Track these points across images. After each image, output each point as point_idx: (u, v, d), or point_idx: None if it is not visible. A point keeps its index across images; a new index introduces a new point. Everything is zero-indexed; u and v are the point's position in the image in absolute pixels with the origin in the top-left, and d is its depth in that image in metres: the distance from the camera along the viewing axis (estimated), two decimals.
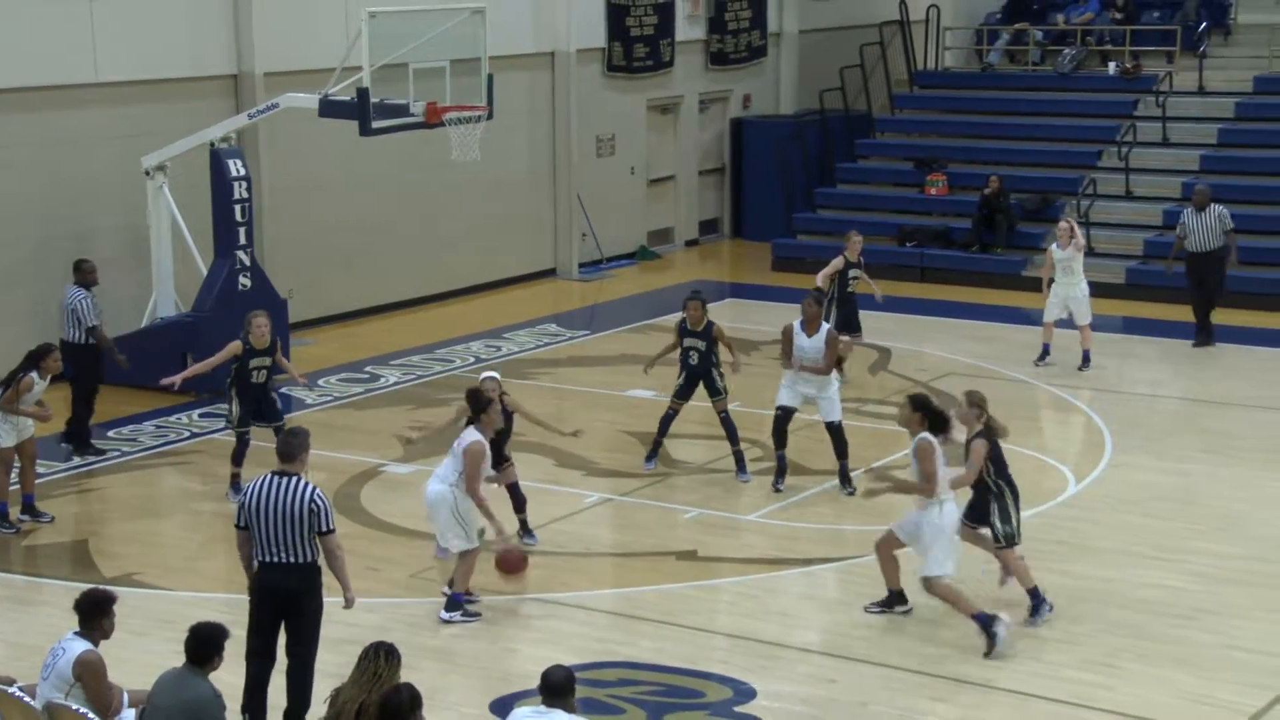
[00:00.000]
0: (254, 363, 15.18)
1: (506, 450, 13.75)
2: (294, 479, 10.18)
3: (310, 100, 18.80)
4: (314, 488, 10.17)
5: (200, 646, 8.91)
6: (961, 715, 10.96)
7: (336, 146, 21.47)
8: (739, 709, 11.02)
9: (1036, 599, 12.36)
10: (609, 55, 27.29)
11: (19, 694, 9.15)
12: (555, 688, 8.49)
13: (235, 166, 19.19)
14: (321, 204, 22.66)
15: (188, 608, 12.36)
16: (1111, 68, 28.23)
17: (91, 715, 8.93)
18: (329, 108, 18.58)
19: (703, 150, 30.04)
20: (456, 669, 11.67)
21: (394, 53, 18.18)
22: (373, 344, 21.72)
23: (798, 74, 31.12)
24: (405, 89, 18.34)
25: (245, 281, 19.30)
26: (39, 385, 14.55)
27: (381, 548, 14.11)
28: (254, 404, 15.31)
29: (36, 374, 14.51)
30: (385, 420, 18.05)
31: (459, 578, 12.51)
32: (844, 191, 28.51)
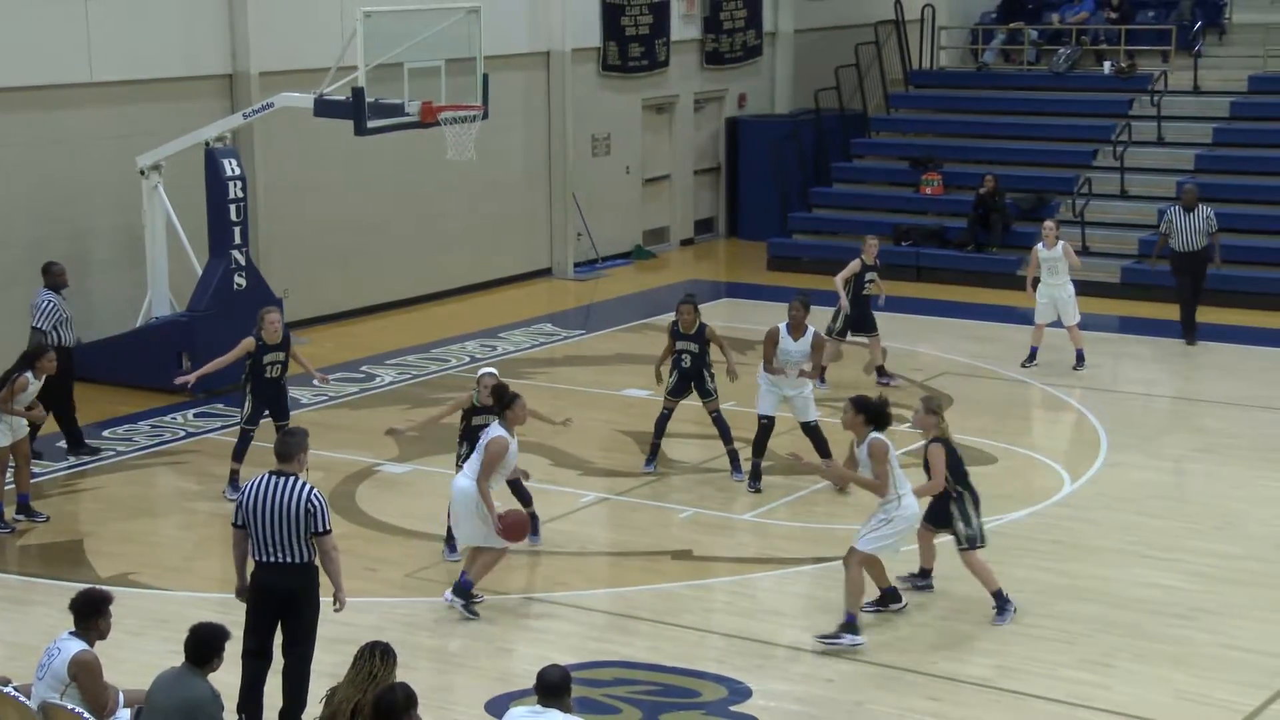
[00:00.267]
0: (268, 358, 15.16)
1: None
2: (292, 479, 10.17)
3: (305, 100, 18.79)
4: (312, 488, 10.16)
5: (201, 647, 8.89)
6: (957, 715, 10.96)
7: (332, 146, 21.45)
8: (735, 708, 11.02)
9: (1001, 600, 12.35)
10: (604, 55, 27.28)
11: (14, 694, 9.14)
12: (551, 687, 8.48)
13: (230, 166, 19.18)
14: (317, 204, 22.64)
15: (184, 607, 12.37)
16: (1106, 67, 28.23)
17: (87, 715, 8.92)
18: (324, 107, 18.57)
19: (698, 150, 30.03)
20: (452, 668, 11.66)
21: (389, 52, 18.18)
22: (368, 343, 21.71)
23: (793, 73, 31.11)
24: (400, 88, 18.34)
25: (240, 281, 19.29)
26: (34, 385, 14.53)
27: (377, 547, 14.09)
28: (270, 400, 15.28)
29: (31, 374, 14.49)
30: (381, 420, 18.01)
31: (477, 570, 12.53)
32: (839, 191, 28.50)
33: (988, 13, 31.02)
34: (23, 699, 9.09)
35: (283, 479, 10.17)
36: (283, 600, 10.20)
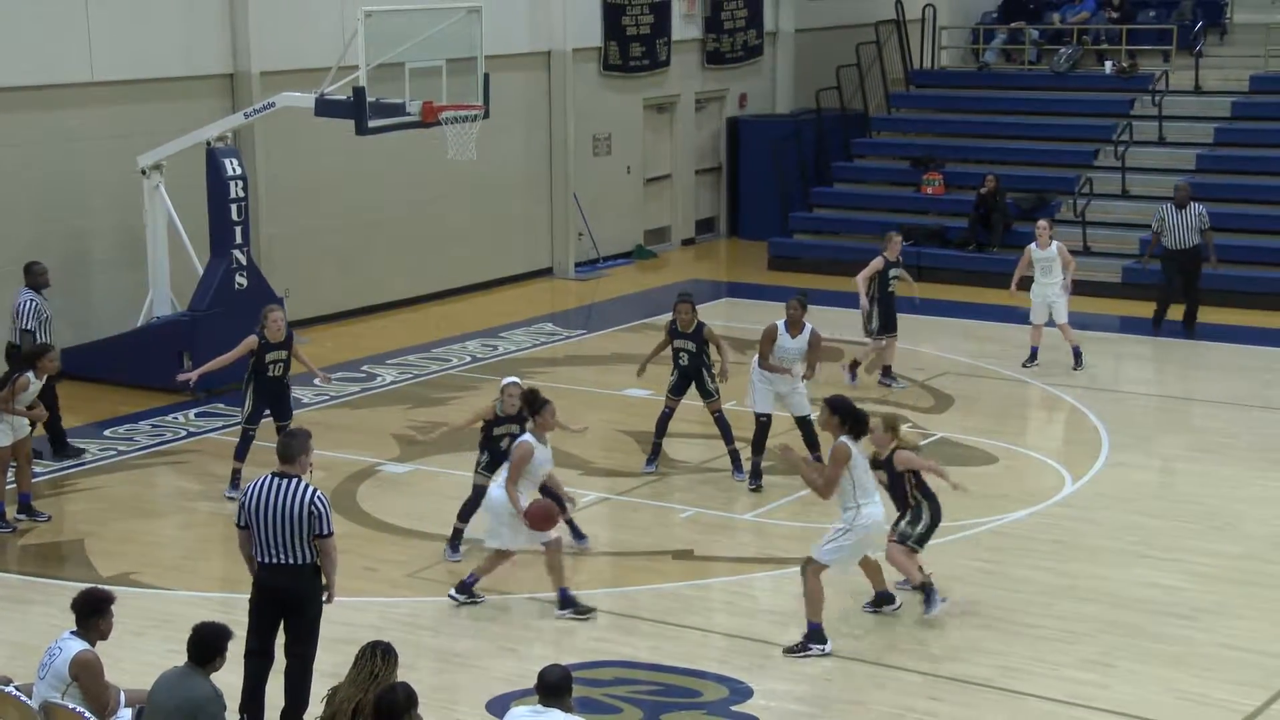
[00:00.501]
0: (270, 356, 15.15)
1: None
2: (294, 481, 10.17)
3: (306, 99, 18.79)
4: (315, 490, 10.16)
5: (203, 647, 8.91)
6: (958, 714, 10.97)
7: (333, 146, 21.44)
8: (736, 708, 11.03)
9: (928, 591, 12.30)
10: (605, 54, 27.29)
11: (15, 693, 9.15)
12: (552, 687, 8.50)
13: (231, 166, 19.18)
14: (318, 203, 22.65)
15: (185, 607, 12.38)
16: (1108, 67, 28.24)
17: (88, 715, 8.94)
18: (325, 107, 18.57)
19: (699, 149, 30.04)
20: (453, 668, 11.67)
21: (390, 52, 18.17)
22: (369, 343, 21.71)
23: (794, 73, 31.11)
24: (401, 88, 18.33)
25: (242, 281, 19.30)
26: (35, 385, 14.55)
27: (378, 547, 14.10)
28: (272, 399, 15.28)
29: (33, 374, 14.51)
30: (382, 420, 18.06)
31: (482, 567, 12.62)
32: (840, 191, 28.51)
33: (989, 12, 31.04)
34: (24, 699, 9.10)
35: (286, 480, 10.17)
36: (285, 601, 10.20)
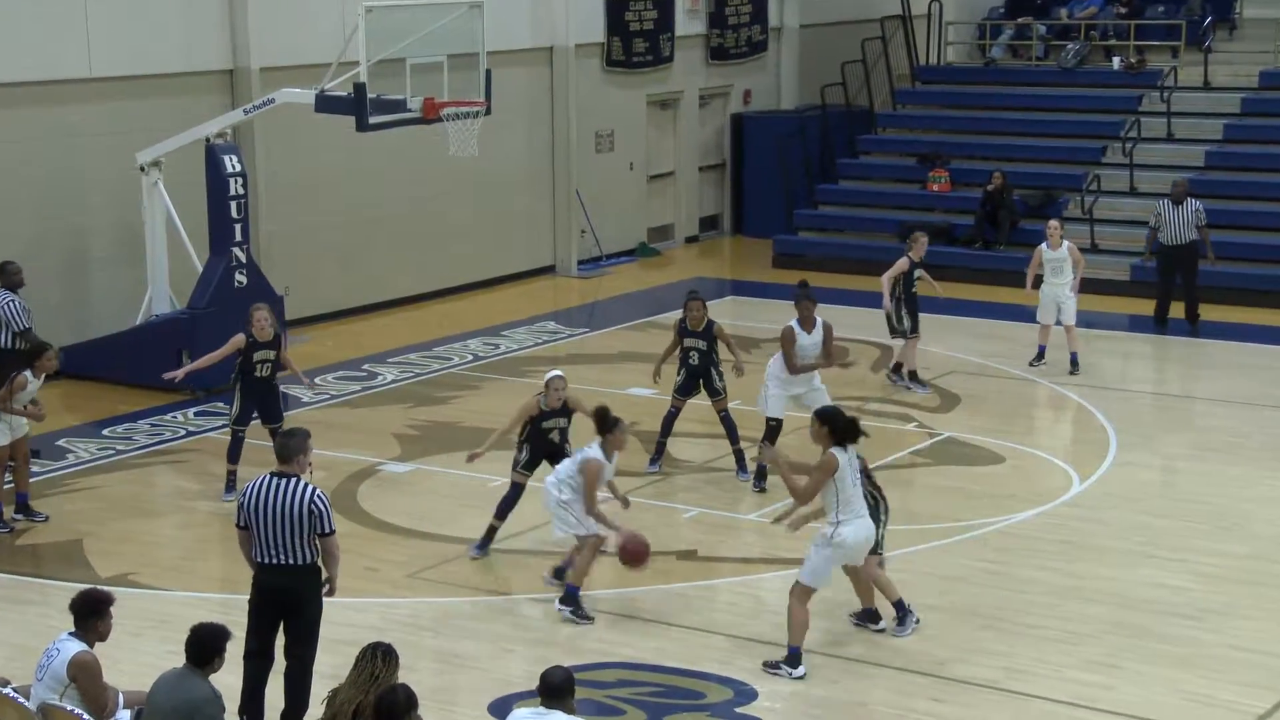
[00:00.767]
0: (258, 356, 15.16)
1: (569, 448, 13.83)
2: (293, 480, 10.18)
3: (307, 96, 18.80)
4: (314, 489, 10.17)
5: (201, 647, 8.92)
6: (962, 716, 10.98)
7: (333, 142, 21.46)
8: (740, 710, 11.04)
9: (901, 610, 12.17)
10: (608, 50, 27.29)
11: (13, 695, 9.17)
12: (554, 689, 8.51)
13: (231, 162, 19.20)
14: (318, 200, 22.67)
15: (184, 608, 12.40)
16: (1116, 63, 28.23)
17: (86, 716, 8.95)
18: (326, 103, 18.58)
19: (703, 146, 30.05)
20: (455, 670, 11.69)
21: (391, 48, 18.18)
22: (370, 342, 21.73)
23: (799, 69, 31.12)
24: (403, 84, 18.34)
25: (241, 279, 19.32)
26: (33, 384, 14.57)
27: (379, 547, 14.12)
28: (258, 400, 15.29)
29: (30, 373, 14.53)
30: (383, 419, 18.08)
31: (577, 573, 12.62)
32: (845, 188, 28.51)
33: (995, 8, 31.02)
34: (22, 700, 9.12)
35: (285, 480, 10.18)
36: (285, 601, 10.22)
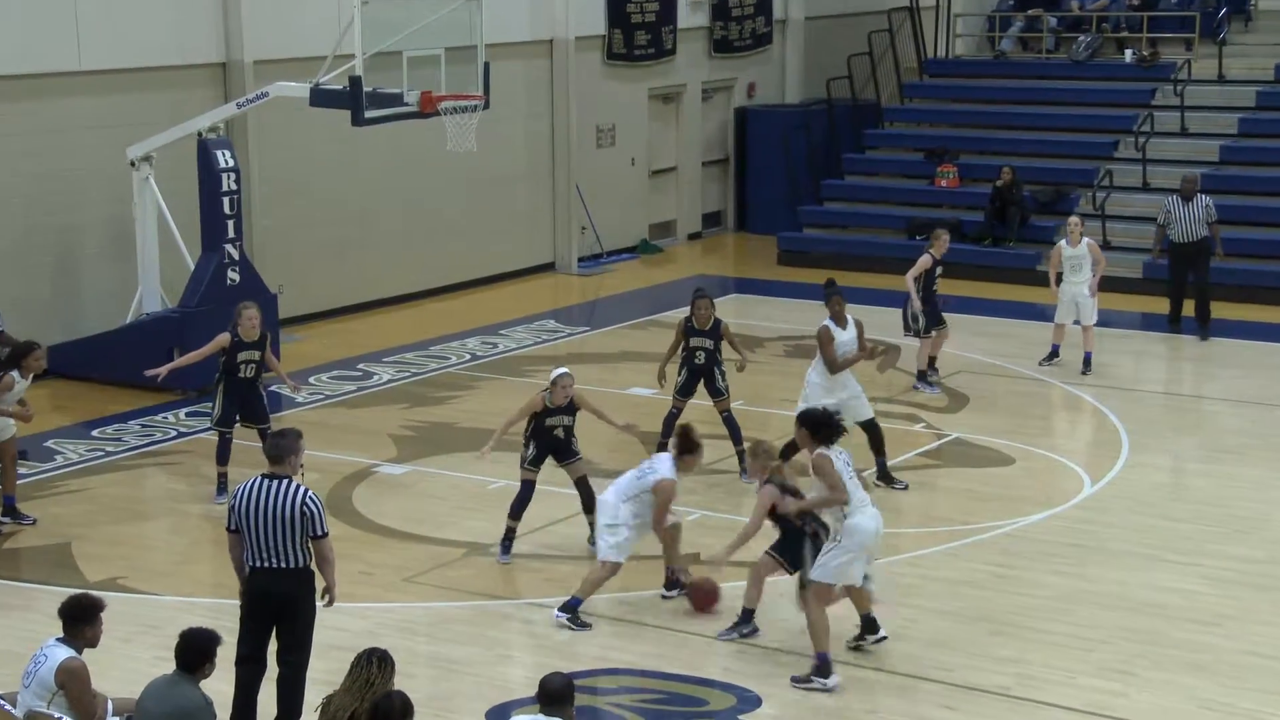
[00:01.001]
0: (242, 356, 15.11)
1: (575, 445, 13.82)
2: (285, 482, 10.14)
3: (301, 89, 18.77)
4: (306, 491, 10.13)
5: (191, 653, 8.90)
6: None
7: (328, 137, 21.46)
8: (743, 717, 11.01)
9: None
10: (609, 43, 27.28)
11: None
12: (554, 695, 8.49)
13: (224, 157, 19.16)
14: (313, 196, 22.65)
15: (175, 613, 12.36)
16: (1128, 55, 28.21)
17: None
18: (320, 97, 18.55)
19: (706, 141, 30.03)
20: (452, 676, 11.65)
21: (387, 40, 18.16)
22: (365, 341, 21.71)
23: (804, 62, 31.10)
24: (399, 78, 18.32)
25: (234, 276, 19.28)
26: (20, 384, 14.53)
27: (374, 551, 14.09)
28: (241, 401, 15.25)
29: (17, 373, 14.50)
30: (379, 419, 18.05)
31: (586, 584, 12.57)
32: (852, 183, 28.49)
33: None
34: (8, 707, 9.10)
35: (276, 482, 10.14)
36: (277, 606, 10.18)
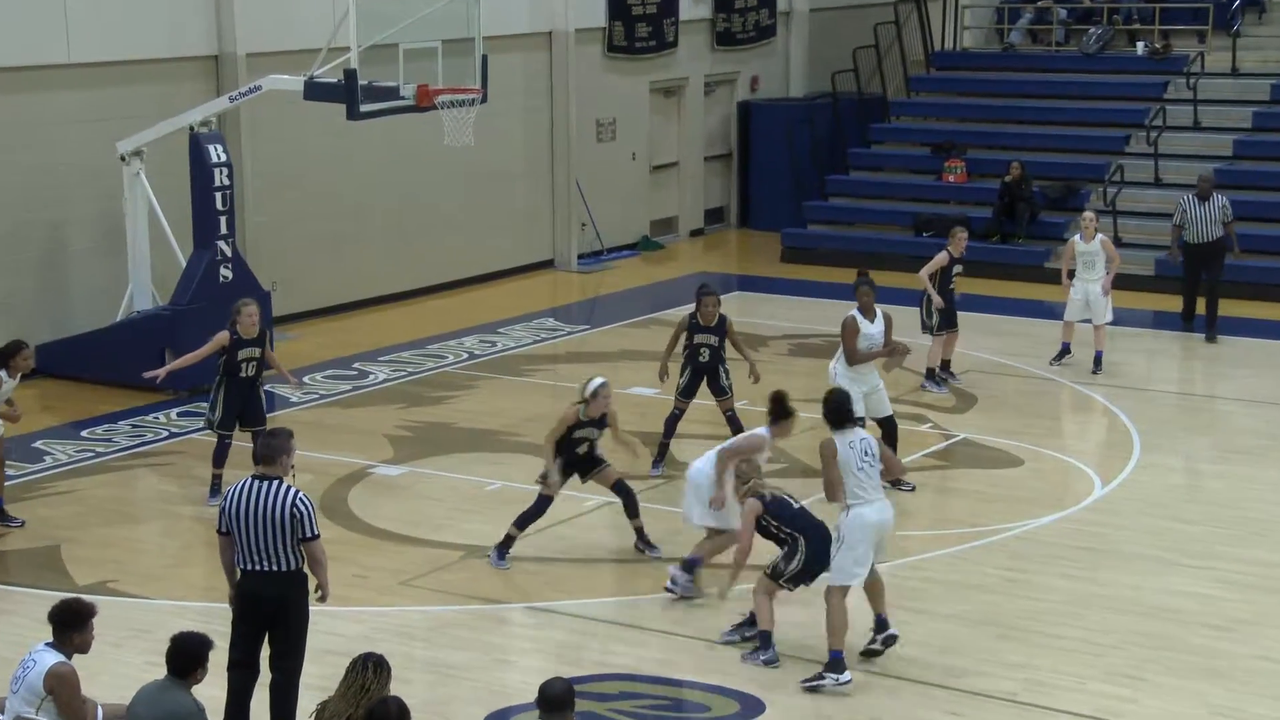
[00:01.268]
0: (243, 354, 15.11)
1: (598, 452, 13.87)
2: (275, 483, 10.14)
3: (295, 82, 18.78)
4: (297, 492, 10.14)
5: (182, 658, 8.90)
6: None
7: (323, 131, 21.46)
8: None
9: (768, 643, 11.88)
10: (610, 35, 27.28)
11: None
12: (554, 701, 8.48)
13: (216, 152, 19.17)
14: (307, 192, 22.66)
15: (166, 617, 12.36)
16: (1140, 48, 28.22)
17: None
18: (315, 90, 18.56)
19: (708, 135, 30.04)
20: (449, 681, 11.66)
21: (383, 33, 18.16)
22: (361, 339, 21.72)
23: (808, 55, 31.12)
24: (395, 71, 18.32)
25: (226, 273, 19.29)
26: (8, 384, 14.54)
27: (370, 554, 14.10)
28: (241, 402, 15.23)
29: (5, 372, 14.50)
30: (374, 419, 18.06)
31: (703, 549, 12.86)
32: (857, 179, 28.51)
33: None
34: None
35: (267, 483, 10.14)
36: (270, 610, 10.18)
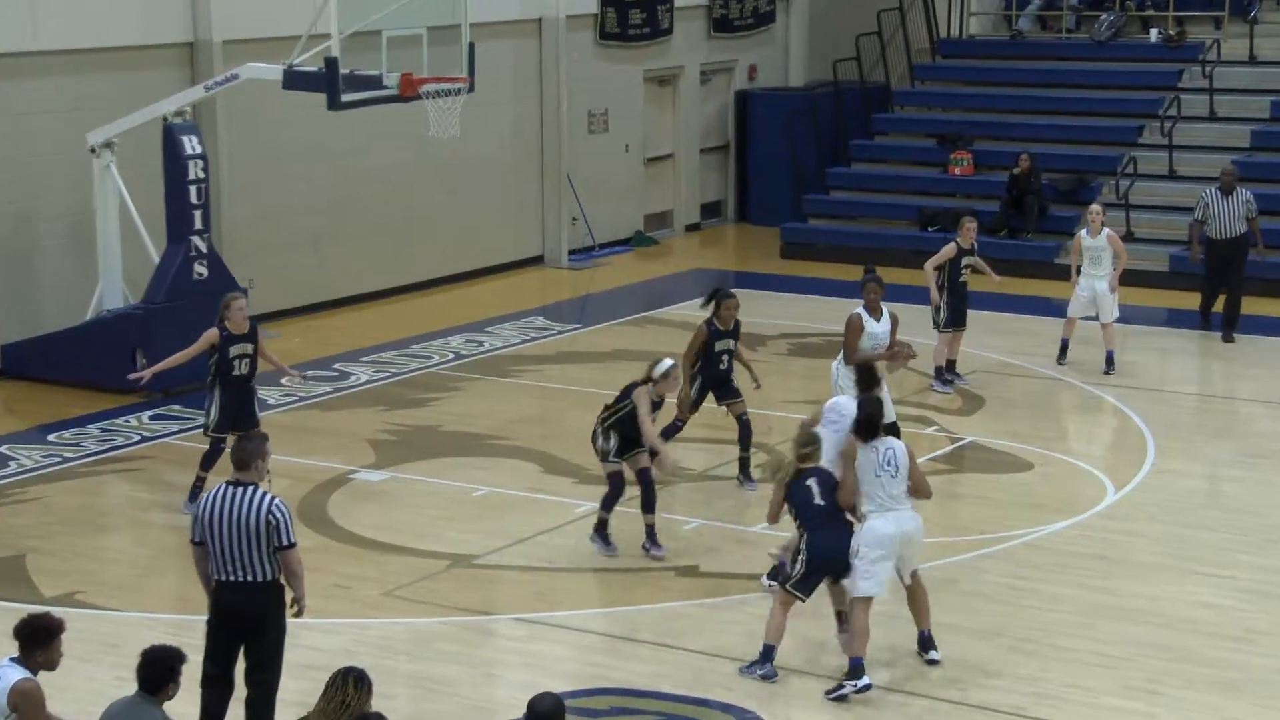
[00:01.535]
0: (235, 350, 15.02)
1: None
2: (250, 489, 10.09)
3: (274, 71, 18.74)
4: (273, 498, 10.09)
5: (153, 672, 8.84)
6: None
7: (303, 122, 21.42)
8: None
9: (768, 657, 11.78)
10: (602, 22, 27.26)
11: None
12: (543, 717, 8.43)
13: (190, 144, 19.12)
14: (286, 185, 22.62)
15: (136, 630, 12.31)
16: (1153, 35, 28.20)
17: None
18: (294, 79, 18.53)
19: (705, 126, 30.03)
20: (434, 696, 11.62)
21: (366, 19, 18.16)
22: (342, 339, 21.69)
23: (809, 43, 31.12)
24: (378, 59, 18.31)
25: (201, 270, 19.24)
26: None
27: (350, 563, 14.04)
28: (237, 402, 15.11)
29: None
30: (356, 423, 18.00)
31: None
32: (859, 171, 28.51)
33: None
34: None
35: (241, 489, 10.09)
36: (245, 622, 10.14)
